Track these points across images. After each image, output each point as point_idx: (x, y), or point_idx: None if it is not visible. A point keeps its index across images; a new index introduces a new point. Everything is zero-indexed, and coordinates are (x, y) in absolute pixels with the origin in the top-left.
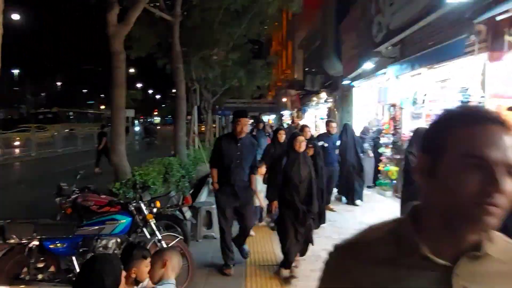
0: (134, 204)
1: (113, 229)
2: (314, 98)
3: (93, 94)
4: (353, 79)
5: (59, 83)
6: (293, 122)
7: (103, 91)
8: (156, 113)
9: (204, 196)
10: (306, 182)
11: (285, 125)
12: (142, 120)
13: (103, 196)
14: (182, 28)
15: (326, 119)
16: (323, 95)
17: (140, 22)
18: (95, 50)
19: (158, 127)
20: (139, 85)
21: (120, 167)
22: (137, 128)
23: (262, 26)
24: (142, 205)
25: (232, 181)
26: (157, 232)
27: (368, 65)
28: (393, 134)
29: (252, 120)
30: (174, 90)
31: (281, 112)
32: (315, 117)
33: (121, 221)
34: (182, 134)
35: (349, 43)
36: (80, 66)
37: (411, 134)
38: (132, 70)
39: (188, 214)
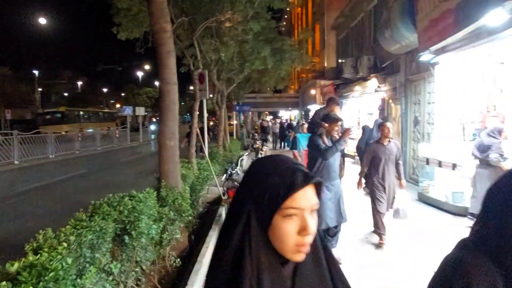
0: None
1: None
2: (357, 88)
3: (115, 93)
4: (437, 52)
5: (79, 83)
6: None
7: (123, 90)
8: None
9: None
10: None
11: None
12: (158, 119)
13: None
14: None
15: (380, 117)
16: (373, 82)
17: None
18: (115, 50)
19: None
20: (157, 83)
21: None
22: (153, 127)
23: None
24: None
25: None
26: None
27: (489, 19)
28: None
29: (271, 116)
30: (190, 86)
31: (308, 107)
32: (358, 111)
33: None
34: (172, 143)
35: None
36: (101, 65)
37: None
38: (147, 67)
39: None
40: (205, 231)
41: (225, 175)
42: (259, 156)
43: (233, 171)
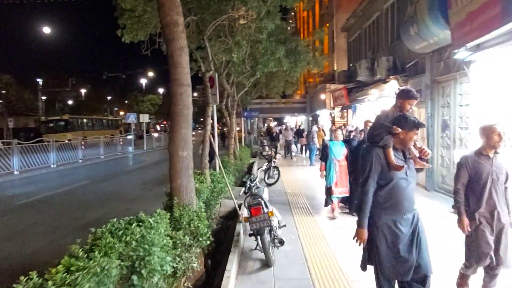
0: None
1: None
2: (373, 91)
3: (119, 100)
4: (474, 49)
5: (84, 90)
6: (333, 124)
7: (127, 97)
8: None
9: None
10: None
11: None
12: (164, 125)
13: None
14: None
15: None
16: (392, 84)
17: None
18: (120, 58)
19: None
20: (160, 90)
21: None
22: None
23: None
24: None
25: None
26: None
27: None
28: None
29: (276, 122)
30: (202, 90)
31: (317, 112)
32: (375, 116)
33: None
34: (185, 154)
35: None
36: (106, 74)
37: None
38: (151, 74)
39: None
40: (222, 253)
41: (243, 188)
42: (273, 164)
43: (252, 184)
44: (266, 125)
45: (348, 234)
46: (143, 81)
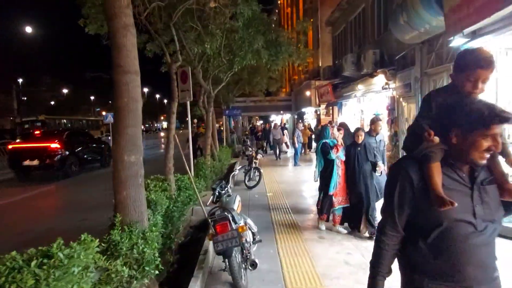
0: None
1: None
2: (359, 86)
3: (102, 101)
4: (471, 36)
5: (65, 91)
6: (319, 121)
7: (110, 97)
8: (163, 118)
9: None
10: None
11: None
12: (148, 125)
13: None
14: None
15: (389, 118)
16: (380, 78)
17: None
18: (104, 57)
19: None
20: (145, 89)
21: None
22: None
23: None
24: None
25: None
26: None
27: None
28: None
29: (262, 121)
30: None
31: (302, 110)
32: (362, 112)
33: None
34: (133, 159)
35: None
36: (88, 73)
37: None
38: None
39: None
40: (186, 275)
41: (212, 197)
42: (253, 165)
43: (223, 191)
44: (251, 124)
45: (338, 251)
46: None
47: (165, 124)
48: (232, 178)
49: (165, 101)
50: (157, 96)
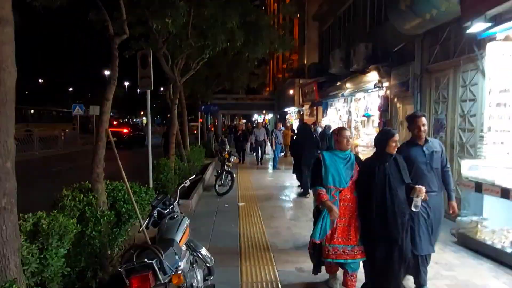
0: None
1: None
2: (348, 85)
3: (82, 94)
4: (497, 21)
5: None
6: (302, 121)
7: (91, 90)
8: (143, 113)
9: None
10: None
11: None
12: (126, 120)
13: None
14: None
15: (381, 120)
16: (372, 75)
17: None
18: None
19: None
20: (126, 83)
21: None
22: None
23: None
24: None
25: None
26: None
27: None
28: None
29: (244, 120)
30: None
31: (285, 110)
32: (349, 113)
33: None
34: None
35: None
36: (68, 65)
37: None
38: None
39: None
40: None
41: (147, 219)
42: (226, 169)
43: (166, 210)
44: (230, 122)
45: None
46: (107, 73)
47: (145, 120)
48: (179, 191)
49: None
50: (138, 91)
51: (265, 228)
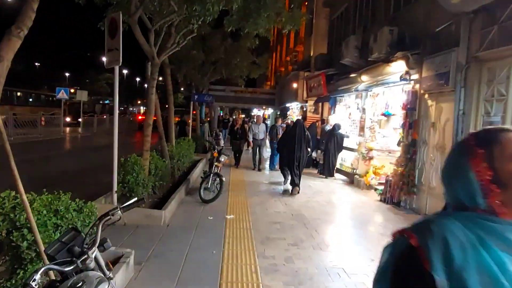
0: None
1: None
2: (364, 77)
3: (78, 79)
4: None
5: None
6: (305, 118)
7: (88, 76)
8: (140, 102)
9: None
10: None
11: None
12: (123, 108)
13: None
14: None
15: (404, 121)
16: (398, 65)
17: None
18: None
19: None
20: (124, 71)
21: None
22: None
23: None
24: None
25: None
26: None
27: None
28: None
29: (243, 115)
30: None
31: (286, 105)
32: (363, 111)
33: None
34: None
35: None
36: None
37: None
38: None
39: None
40: None
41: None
42: (214, 170)
43: (68, 268)
44: (225, 115)
45: None
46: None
47: (142, 109)
48: (101, 227)
49: (146, 85)
50: (137, 79)
51: (257, 258)
